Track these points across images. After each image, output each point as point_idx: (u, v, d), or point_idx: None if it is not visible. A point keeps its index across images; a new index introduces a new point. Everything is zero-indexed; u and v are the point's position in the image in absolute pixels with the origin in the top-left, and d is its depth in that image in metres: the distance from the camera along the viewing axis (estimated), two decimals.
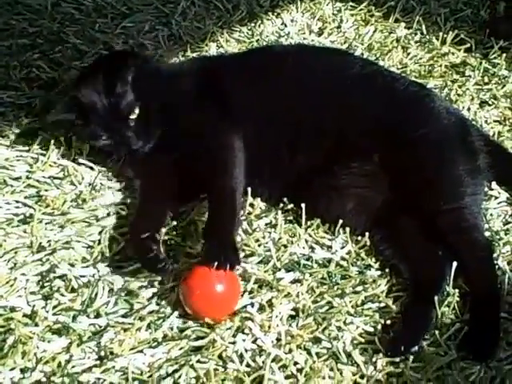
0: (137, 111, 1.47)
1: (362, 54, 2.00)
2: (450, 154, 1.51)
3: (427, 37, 2.09)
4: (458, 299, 1.36)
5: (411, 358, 1.27)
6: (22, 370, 1.22)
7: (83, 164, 1.61)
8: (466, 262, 1.40)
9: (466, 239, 1.43)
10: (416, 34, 2.10)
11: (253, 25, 2.12)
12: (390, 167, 1.47)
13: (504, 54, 2.00)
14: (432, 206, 1.45)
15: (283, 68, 1.61)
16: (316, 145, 1.51)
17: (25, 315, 1.31)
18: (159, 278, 1.38)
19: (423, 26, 2.10)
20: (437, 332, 1.31)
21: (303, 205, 1.49)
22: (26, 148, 1.65)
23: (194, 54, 1.96)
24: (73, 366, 1.24)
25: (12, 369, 1.22)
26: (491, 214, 1.56)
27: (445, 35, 2.06)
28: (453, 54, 2.03)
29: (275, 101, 1.55)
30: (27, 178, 1.57)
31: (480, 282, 1.39)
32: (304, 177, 1.51)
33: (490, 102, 1.87)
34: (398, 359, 1.27)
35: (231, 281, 1.33)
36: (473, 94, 1.89)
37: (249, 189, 1.53)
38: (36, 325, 1.29)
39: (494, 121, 1.81)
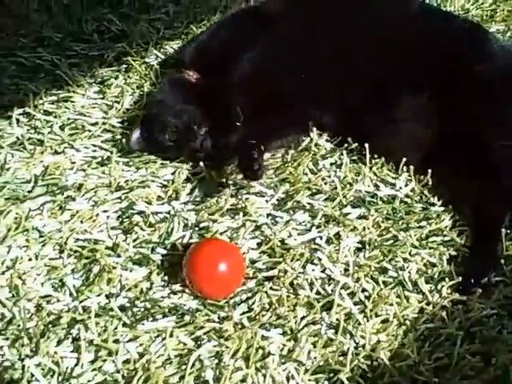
0: None
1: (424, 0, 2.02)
2: (504, 92, 1.51)
3: None
4: None
5: None
6: (107, 296, 1.31)
7: None
8: None
9: None
10: None
11: None
12: (445, 102, 1.48)
13: None
14: (486, 142, 1.46)
15: (335, 4, 1.65)
16: (370, 78, 1.54)
17: (107, 247, 1.39)
18: (228, 217, 1.46)
19: None
20: (502, 263, 1.36)
21: (367, 144, 1.54)
22: (101, 96, 1.73)
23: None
24: (154, 293, 1.32)
25: (98, 295, 1.31)
26: None
27: None
28: None
29: (329, 37, 1.58)
30: (103, 123, 1.65)
31: None
32: (359, 111, 1.54)
33: None
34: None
35: (235, 262, 1.33)
36: None
37: (314, 129, 1.59)
38: (118, 256, 1.37)
39: None
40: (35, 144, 1.60)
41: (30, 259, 1.36)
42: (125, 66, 1.81)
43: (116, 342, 1.23)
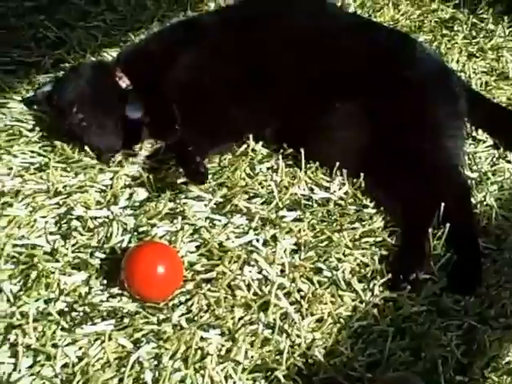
0: None
1: (355, 11, 2.08)
2: (432, 97, 1.59)
3: None
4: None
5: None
6: (46, 301, 1.31)
7: None
8: (446, 200, 1.46)
9: (444, 178, 1.51)
10: None
11: None
12: (374, 109, 1.54)
13: (491, 9, 2.12)
14: (413, 147, 1.52)
15: (268, 15, 1.69)
16: (304, 87, 1.58)
17: (45, 253, 1.39)
18: (167, 221, 1.47)
19: None
20: (430, 262, 1.41)
21: (302, 149, 1.58)
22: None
23: (195, 14, 2.03)
24: (92, 297, 1.33)
25: (36, 300, 1.30)
26: (480, 157, 1.67)
27: None
28: (442, 10, 2.13)
29: (263, 46, 1.62)
30: (40, 130, 1.65)
31: (457, 220, 1.45)
32: (295, 120, 1.59)
33: (477, 55, 1.97)
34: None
35: (174, 265, 1.35)
36: (461, 47, 1.99)
37: (250, 135, 1.63)
38: (57, 261, 1.37)
39: (482, 72, 1.91)
40: None
41: None
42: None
43: (54, 346, 1.23)
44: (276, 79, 1.60)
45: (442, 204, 1.45)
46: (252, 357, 1.25)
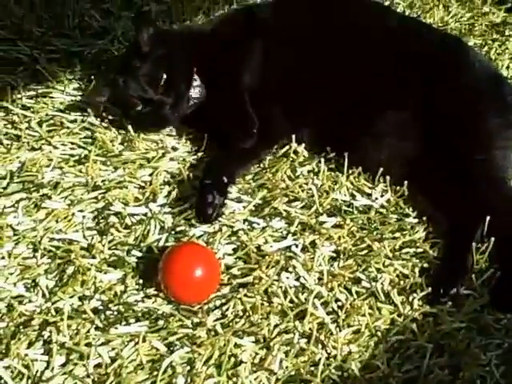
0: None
1: (404, 11, 2.03)
2: (483, 106, 1.54)
3: None
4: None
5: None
6: (81, 298, 1.30)
7: None
8: (493, 213, 1.42)
9: (493, 191, 1.47)
10: None
11: None
12: (424, 116, 1.51)
13: None
14: (462, 156, 1.48)
15: (321, 16, 1.66)
16: (353, 92, 1.55)
17: (82, 248, 1.38)
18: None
19: None
20: (472, 277, 1.38)
21: (346, 154, 1.54)
22: (80, 93, 1.72)
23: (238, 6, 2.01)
24: (128, 296, 1.32)
25: (71, 296, 1.30)
26: None
27: None
28: (493, 13, 2.08)
29: (313, 49, 1.60)
30: (82, 121, 1.64)
31: (502, 235, 1.41)
32: (341, 124, 1.55)
33: None
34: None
35: (211, 268, 1.33)
36: None
37: (293, 136, 1.60)
38: (93, 257, 1.36)
39: None
40: (12, 139, 1.58)
41: (2, 257, 1.35)
42: (105, 63, 1.80)
43: (88, 345, 1.22)
44: (326, 84, 1.57)
45: (487, 217, 1.41)
46: (286, 367, 1.23)
